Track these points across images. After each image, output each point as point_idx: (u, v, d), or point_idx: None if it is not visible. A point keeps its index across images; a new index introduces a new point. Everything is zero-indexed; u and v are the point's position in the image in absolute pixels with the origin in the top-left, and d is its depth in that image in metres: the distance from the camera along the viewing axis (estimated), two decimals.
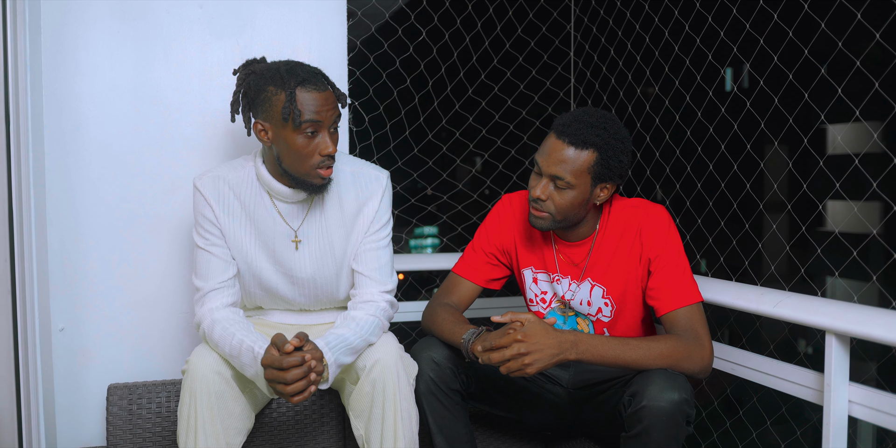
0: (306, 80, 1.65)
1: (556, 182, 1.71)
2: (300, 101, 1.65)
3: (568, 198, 1.72)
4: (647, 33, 2.40)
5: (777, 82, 1.95)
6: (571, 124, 1.69)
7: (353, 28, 2.38)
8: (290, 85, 1.64)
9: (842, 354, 1.55)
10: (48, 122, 2.00)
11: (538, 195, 1.72)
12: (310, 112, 1.65)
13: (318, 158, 1.69)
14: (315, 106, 1.65)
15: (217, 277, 1.78)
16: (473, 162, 3.27)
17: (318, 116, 1.66)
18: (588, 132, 1.68)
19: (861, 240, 1.87)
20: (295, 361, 1.50)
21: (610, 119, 1.72)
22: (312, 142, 1.68)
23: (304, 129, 1.66)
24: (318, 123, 1.66)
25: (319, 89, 1.66)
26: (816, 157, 1.88)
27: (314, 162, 1.69)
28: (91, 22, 2.02)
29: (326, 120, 1.67)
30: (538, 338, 1.55)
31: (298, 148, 1.67)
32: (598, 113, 1.73)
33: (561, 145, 1.69)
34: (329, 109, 1.67)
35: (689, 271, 1.75)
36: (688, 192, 2.28)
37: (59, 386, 2.05)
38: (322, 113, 1.66)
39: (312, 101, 1.65)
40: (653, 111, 2.42)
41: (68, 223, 2.04)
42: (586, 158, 1.68)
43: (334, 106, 1.70)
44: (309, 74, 1.67)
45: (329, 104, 1.68)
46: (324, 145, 1.68)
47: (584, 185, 1.71)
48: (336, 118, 1.70)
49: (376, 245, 1.84)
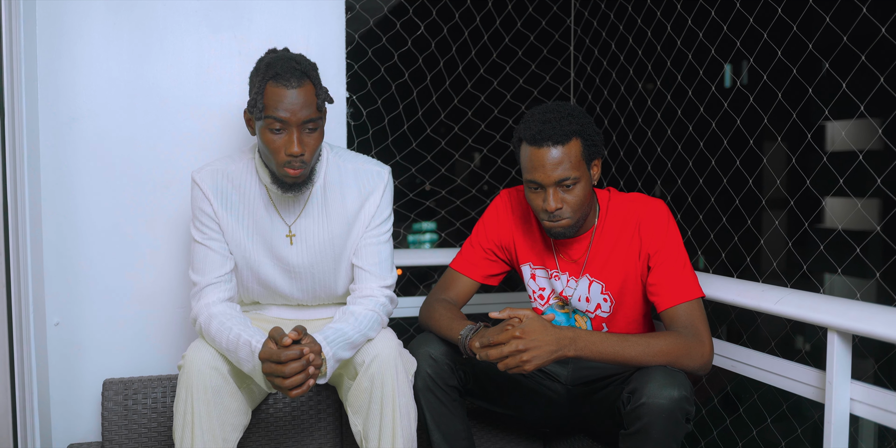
0: (279, 75, 1.61)
1: (563, 185, 1.69)
2: (267, 95, 1.62)
3: (579, 193, 1.71)
4: (648, 28, 2.38)
5: (779, 78, 1.94)
6: (541, 128, 1.68)
7: (351, 21, 2.37)
8: (264, 77, 1.62)
9: (844, 352, 1.55)
10: (43, 115, 1.98)
11: (554, 208, 1.70)
12: (273, 108, 1.61)
13: (284, 157, 1.65)
14: (279, 103, 1.61)
15: (214, 272, 1.76)
16: (472, 157, 3.25)
17: (281, 114, 1.61)
18: (558, 125, 1.67)
19: (862, 237, 1.87)
20: (293, 355, 1.49)
21: (560, 105, 1.73)
22: (279, 138, 1.64)
23: (269, 124, 1.62)
24: (281, 121, 1.62)
25: (290, 86, 1.61)
26: (820, 153, 1.88)
27: (281, 160, 1.65)
28: (87, 13, 2.00)
29: (293, 119, 1.62)
30: (536, 334, 1.54)
31: (266, 142, 1.65)
32: (547, 107, 1.73)
33: (546, 152, 1.67)
34: (299, 109, 1.61)
35: (689, 266, 1.74)
36: (689, 188, 2.27)
37: (53, 381, 2.04)
38: (288, 111, 1.61)
39: (279, 96, 1.61)
40: (654, 106, 2.41)
41: (63, 217, 2.02)
42: (575, 148, 1.68)
43: (306, 105, 1.63)
44: (285, 69, 1.62)
45: (299, 103, 1.61)
46: (289, 145, 1.63)
47: (584, 172, 1.71)
48: (310, 119, 1.64)
49: (377, 240, 1.83)
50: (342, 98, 2.21)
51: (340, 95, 2.20)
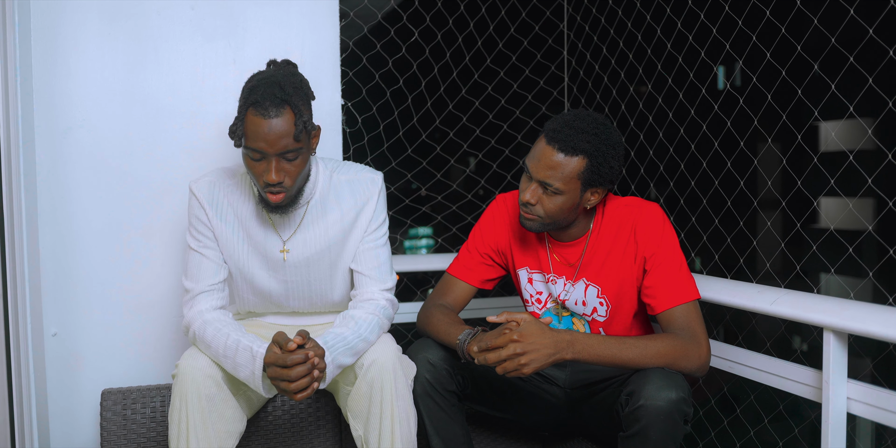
0: (257, 103, 1.57)
1: (545, 187, 1.70)
2: (247, 124, 1.59)
3: (557, 203, 1.71)
4: (639, 32, 2.40)
5: (770, 80, 1.95)
6: (562, 130, 1.67)
7: (345, 29, 2.37)
8: (245, 103, 1.60)
9: (840, 351, 1.55)
10: (39, 125, 1.99)
11: (528, 199, 1.72)
12: (252, 138, 1.59)
13: (263, 183, 1.64)
14: (258, 134, 1.58)
15: (207, 280, 1.77)
16: (467, 162, 3.26)
17: (259, 145, 1.59)
18: (578, 138, 1.66)
19: (855, 236, 1.88)
20: (299, 359, 1.50)
21: (601, 124, 1.69)
22: (259, 165, 1.63)
23: (248, 153, 1.62)
24: (258, 152, 1.60)
25: (267, 115, 1.57)
26: (811, 154, 1.89)
27: (261, 184, 1.65)
28: (81, 23, 2.01)
29: (270, 149, 1.59)
30: (534, 337, 1.54)
31: (248, 167, 1.65)
32: (590, 117, 1.70)
33: (551, 151, 1.67)
34: (275, 140, 1.58)
35: (685, 269, 1.74)
36: (682, 190, 2.28)
37: (52, 391, 2.03)
38: (265, 142, 1.58)
39: (255, 127, 1.58)
40: (646, 109, 2.42)
41: (60, 227, 2.02)
42: (576, 165, 1.67)
43: (284, 135, 1.58)
44: (265, 97, 1.57)
45: (275, 134, 1.57)
46: (267, 173, 1.62)
47: (573, 190, 1.70)
48: (286, 149, 1.60)
49: (374, 244, 1.84)
50: (337, 105, 2.22)
51: (335, 102, 2.21)
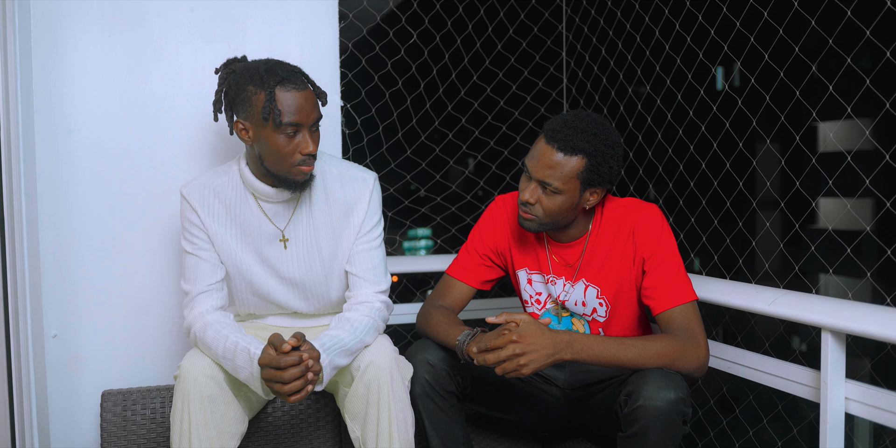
0: (285, 80, 1.64)
1: (544, 187, 1.70)
2: (280, 101, 1.64)
3: (556, 203, 1.72)
4: (638, 33, 2.40)
5: (768, 80, 1.95)
6: (562, 129, 1.68)
7: (344, 30, 2.38)
8: (269, 84, 1.64)
9: (838, 351, 1.56)
10: (39, 126, 1.99)
11: (527, 199, 1.72)
12: (289, 113, 1.64)
13: (299, 157, 1.68)
14: (294, 106, 1.64)
15: (205, 280, 1.77)
16: (466, 163, 3.27)
17: (298, 118, 1.65)
18: (578, 138, 1.67)
19: (854, 236, 1.88)
20: (292, 361, 1.50)
21: (601, 124, 1.71)
22: (293, 141, 1.67)
23: (285, 129, 1.65)
24: (298, 125, 1.66)
25: (299, 88, 1.65)
26: (809, 155, 1.89)
27: (295, 160, 1.69)
28: (81, 25, 2.01)
29: (306, 120, 1.66)
30: (533, 338, 1.54)
31: (279, 147, 1.67)
32: (589, 117, 1.71)
33: (550, 151, 1.68)
34: (309, 109, 1.67)
35: (683, 270, 1.75)
36: (680, 190, 2.28)
37: (52, 393, 2.04)
38: (302, 113, 1.65)
39: (292, 100, 1.64)
40: (644, 110, 2.42)
41: (60, 228, 2.03)
42: (575, 165, 1.68)
43: (314, 105, 1.68)
44: (288, 73, 1.66)
45: (309, 104, 1.67)
46: (304, 145, 1.67)
47: (572, 190, 1.70)
48: (317, 118, 1.69)
49: (368, 246, 1.84)
50: (337, 106, 2.23)
51: (335, 104, 2.22)
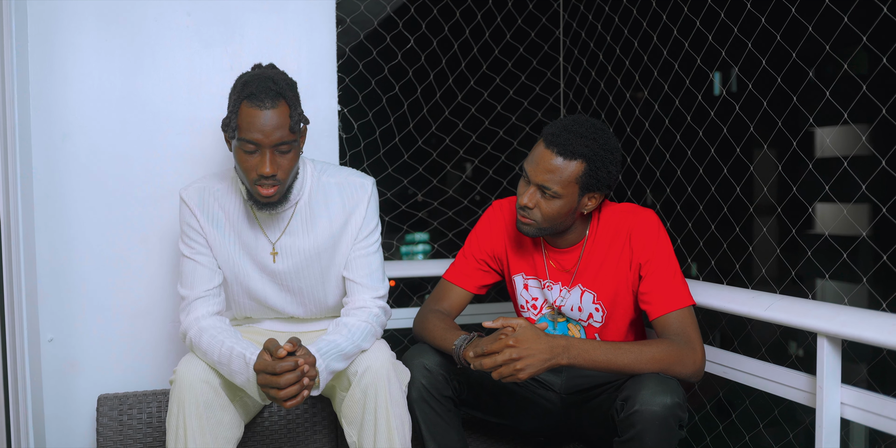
0: (253, 95, 1.60)
1: (543, 191, 1.71)
2: (241, 116, 1.61)
3: (555, 207, 1.72)
4: (635, 38, 2.41)
5: (765, 86, 1.96)
6: (561, 134, 1.69)
7: (341, 35, 2.38)
8: (239, 96, 1.62)
9: (833, 357, 1.56)
10: (35, 132, 1.99)
11: (525, 203, 1.73)
12: (247, 130, 1.61)
13: (255, 176, 1.65)
14: (254, 124, 1.60)
15: (202, 286, 1.77)
16: (464, 168, 3.27)
17: (254, 136, 1.60)
18: (577, 142, 1.67)
19: (850, 242, 1.88)
20: (288, 366, 1.50)
21: (599, 129, 1.71)
22: (252, 158, 1.64)
23: (242, 145, 1.63)
24: (253, 143, 1.61)
25: (264, 107, 1.60)
26: (805, 160, 1.89)
27: (252, 178, 1.65)
28: (78, 30, 2.01)
29: (265, 140, 1.61)
30: (530, 343, 1.54)
31: (239, 161, 1.65)
32: (588, 122, 1.72)
33: (549, 155, 1.69)
34: (270, 130, 1.60)
35: (679, 275, 1.75)
36: (678, 196, 2.29)
37: (48, 397, 2.03)
38: (262, 133, 1.60)
39: (252, 118, 1.60)
40: (642, 116, 2.43)
41: (56, 233, 2.02)
42: (574, 169, 1.68)
43: (279, 127, 1.61)
44: (260, 90, 1.60)
45: (272, 124, 1.60)
46: (261, 165, 1.63)
47: (571, 195, 1.71)
48: (283, 141, 1.62)
49: (365, 251, 1.84)
50: (334, 111, 2.23)
51: (332, 109, 2.22)
